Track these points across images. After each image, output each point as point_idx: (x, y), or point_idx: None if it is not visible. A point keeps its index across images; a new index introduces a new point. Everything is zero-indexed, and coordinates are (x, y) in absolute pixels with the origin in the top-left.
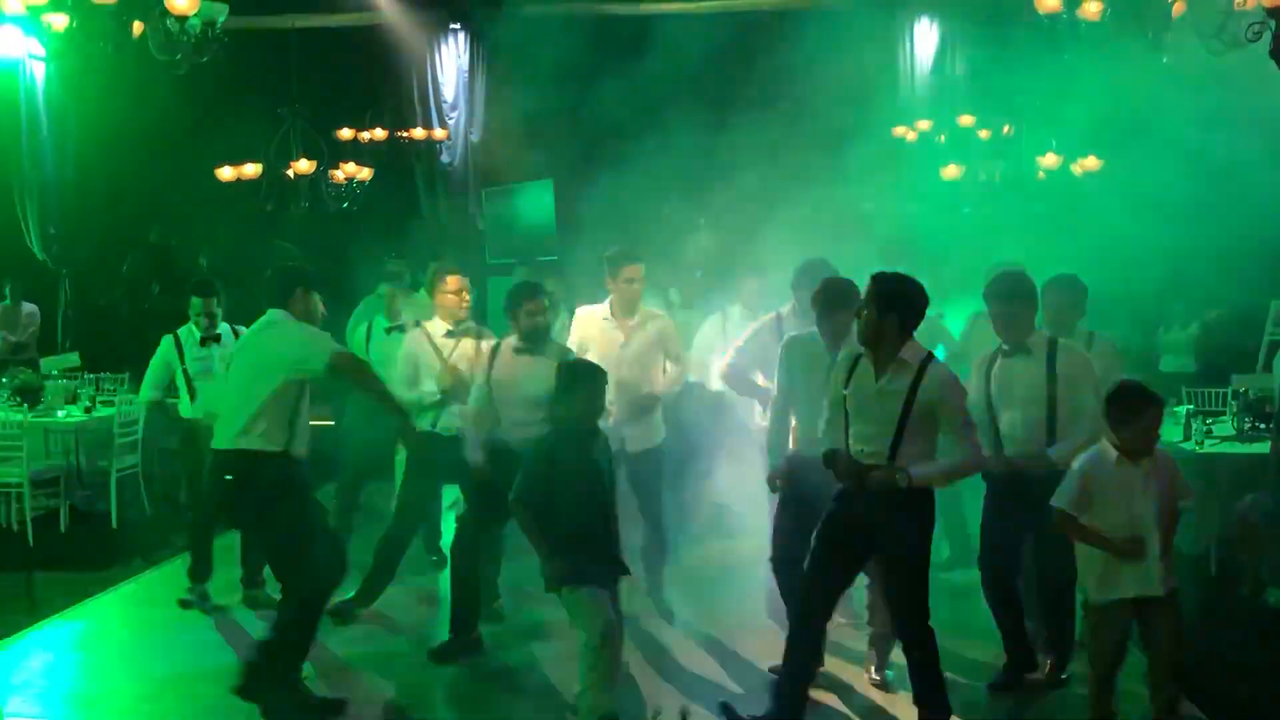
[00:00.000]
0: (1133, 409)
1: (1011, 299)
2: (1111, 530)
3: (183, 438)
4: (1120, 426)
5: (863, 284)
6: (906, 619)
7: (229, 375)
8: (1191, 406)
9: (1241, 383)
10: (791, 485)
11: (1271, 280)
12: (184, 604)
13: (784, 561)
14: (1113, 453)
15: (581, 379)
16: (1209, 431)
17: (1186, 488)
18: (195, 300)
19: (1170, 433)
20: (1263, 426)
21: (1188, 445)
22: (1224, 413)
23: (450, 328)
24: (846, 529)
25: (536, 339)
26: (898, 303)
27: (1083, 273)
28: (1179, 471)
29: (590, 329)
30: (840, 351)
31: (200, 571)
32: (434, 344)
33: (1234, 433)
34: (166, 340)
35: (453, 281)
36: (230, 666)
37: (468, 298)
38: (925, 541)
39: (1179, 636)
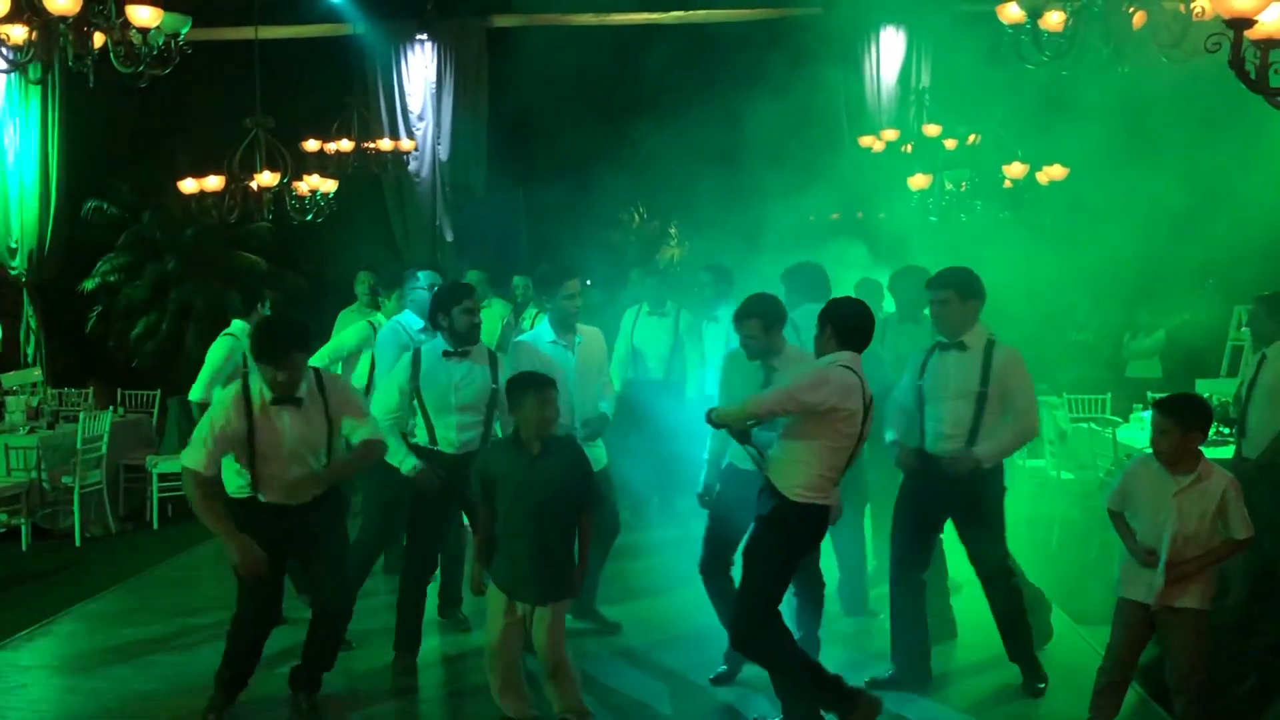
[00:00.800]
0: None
1: (945, 291)
2: (1141, 533)
3: None
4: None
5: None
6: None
7: None
8: None
9: (1206, 388)
10: (720, 497)
11: (1234, 286)
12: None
13: (710, 570)
14: (1157, 460)
15: (527, 389)
16: None
17: (1244, 522)
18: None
19: (1136, 438)
20: (1227, 432)
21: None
22: None
23: None
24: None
25: (468, 340)
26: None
27: (1048, 281)
28: (1240, 502)
29: (536, 360)
30: (765, 360)
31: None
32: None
33: None
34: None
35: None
36: (198, 686)
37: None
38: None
39: (1189, 653)
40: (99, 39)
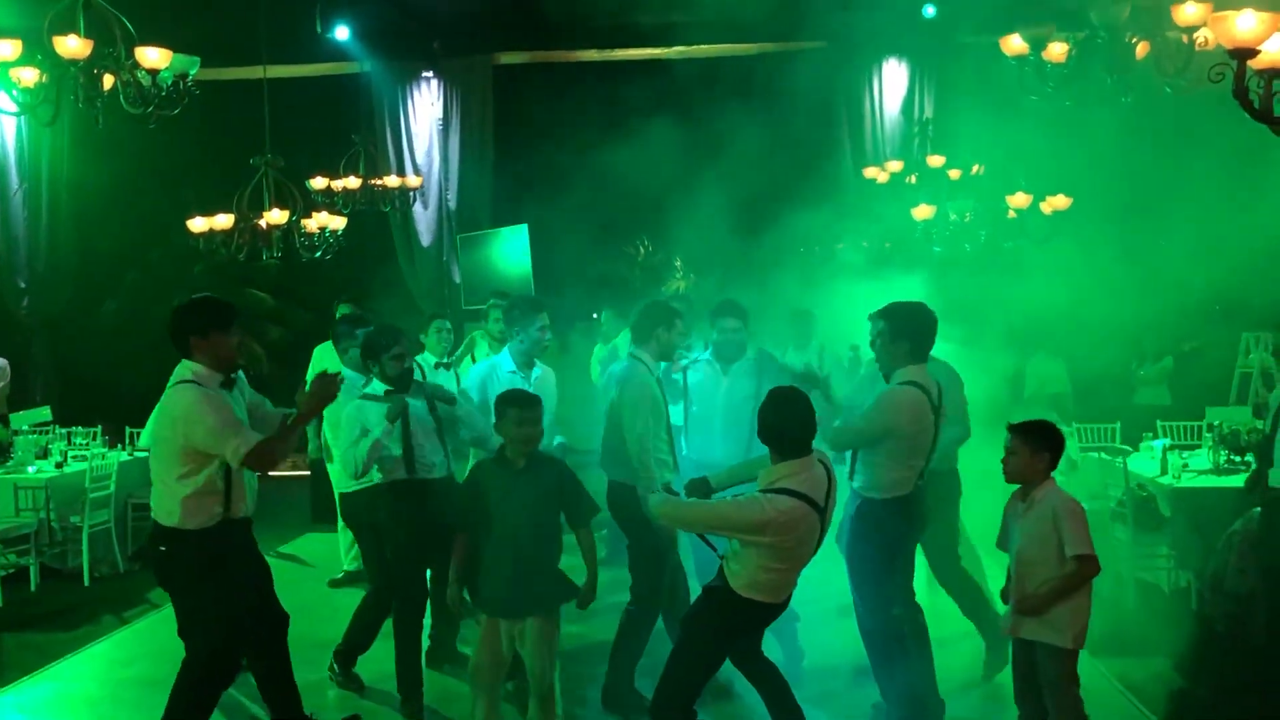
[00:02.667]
0: None
1: (877, 324)
2: (1010, 564)
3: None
4: None
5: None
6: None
7: None
8: (1168, 440)
9: (1216, 416)
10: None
11: (1243, 313)
12: None
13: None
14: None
15: (510, 407)
16: (1185, 465)
17: (1074, 539)
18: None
19: (1147, 467)
20: (1238, 460)
21: (1164, 480)
22: (1199, 446)
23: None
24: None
25: (402, 383)
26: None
27: (1057, 309)
28: (1067, 520)
29: (495, 385)
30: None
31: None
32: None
33: (1210, 466)
34: None
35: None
36: None
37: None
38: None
39: (1051, 691)
40: (108, 80)
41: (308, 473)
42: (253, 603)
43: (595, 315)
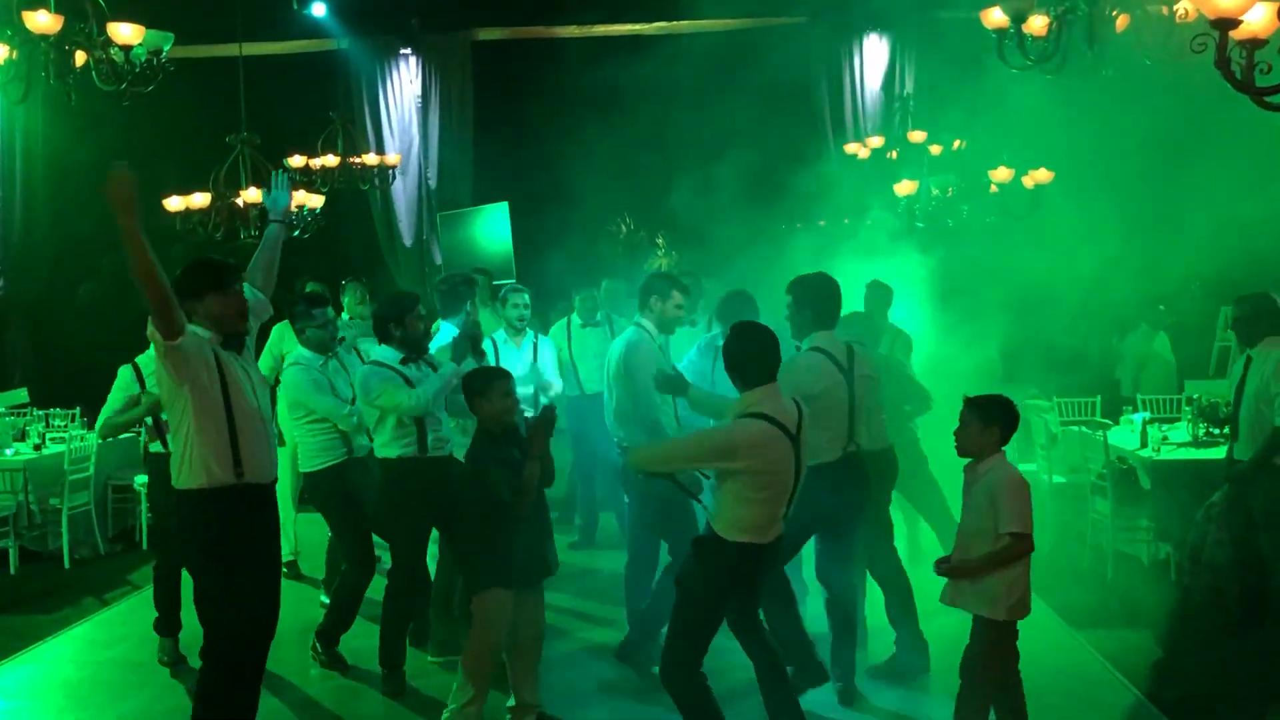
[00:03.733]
0: None
1: (788, 296)
2: None
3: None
4: None
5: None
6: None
7: None
8: (1147, 414)
9: (1196, 389)
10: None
11: (1221, 287)
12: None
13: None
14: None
15: (489, 382)
16: (1165, 438)
17: (1009, 514)
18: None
19: (1127, 440)
20: (1217, 432)
21: (1144, 452)
22: (1179, 419)
23: None
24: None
25: (421, 346)
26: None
27: (1038, 285)
28: (1004, 496)
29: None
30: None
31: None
32: None
33: (1190, 439)
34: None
35: None
36: (185, 708)
37: None
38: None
39: (972, 656)
40: (81, 57)
41: None
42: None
43: (576, 294)
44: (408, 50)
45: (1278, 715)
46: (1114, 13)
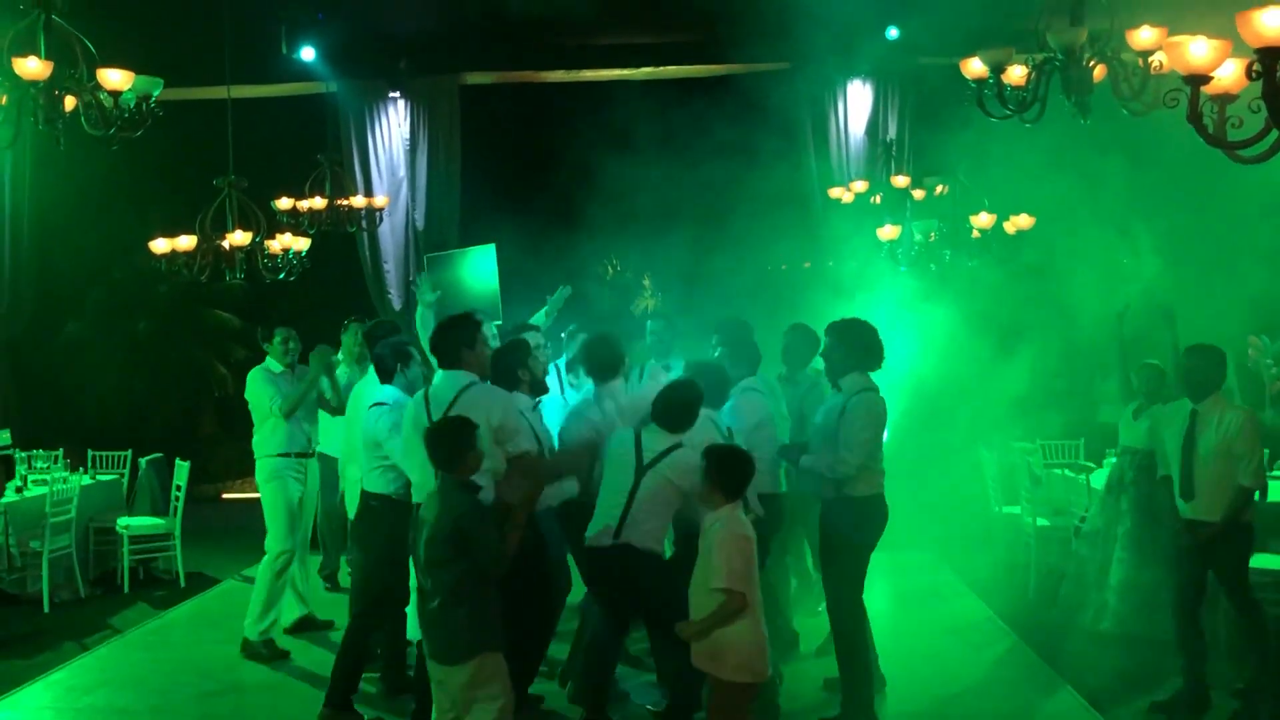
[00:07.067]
0: None
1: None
2: None
3: None
4: None
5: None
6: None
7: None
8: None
9: None
10: None
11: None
12: None
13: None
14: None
15: (458, 432)
16: None
17: (723, 571)
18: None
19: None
20: None
21: None
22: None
23: None
24: None
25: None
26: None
27: (1022, 325)
28: (719, 551)
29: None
30: None
31: None
32: None
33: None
34: None
35: None
36: None
37: None
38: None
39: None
40: (70, 102)
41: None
42: None
43: (563, 334)
44: (396, 94)
45: None
46: (1091, 62)
